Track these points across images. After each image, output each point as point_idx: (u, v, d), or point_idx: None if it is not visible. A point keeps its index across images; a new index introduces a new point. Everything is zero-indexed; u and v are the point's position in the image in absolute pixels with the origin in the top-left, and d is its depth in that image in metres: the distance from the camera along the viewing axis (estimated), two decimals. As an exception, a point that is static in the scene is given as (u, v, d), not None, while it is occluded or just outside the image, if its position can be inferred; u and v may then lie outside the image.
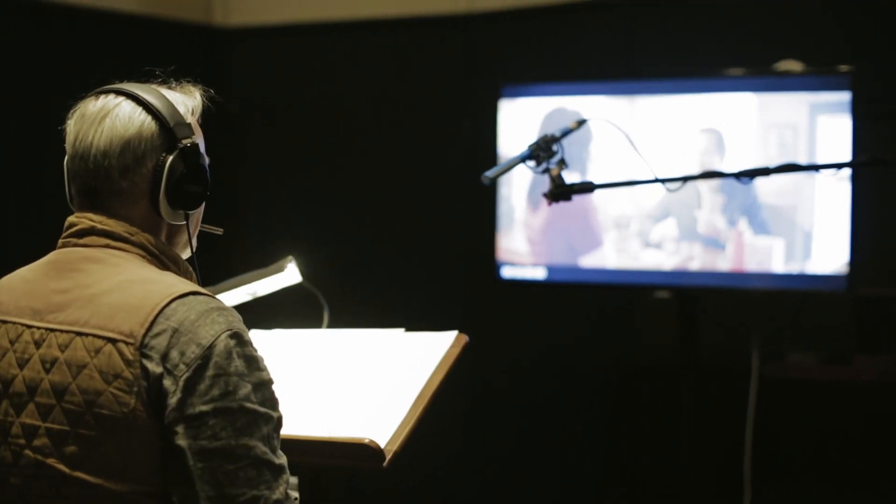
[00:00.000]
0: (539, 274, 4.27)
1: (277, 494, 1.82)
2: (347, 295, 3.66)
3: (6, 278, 2.00)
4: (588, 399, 4.79)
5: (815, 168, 3.18)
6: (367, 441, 2.20)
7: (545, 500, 4.82)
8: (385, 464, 2.20)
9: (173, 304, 1.82)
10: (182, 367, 1.78)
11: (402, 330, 2.56)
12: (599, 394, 4.77)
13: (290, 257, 2.68)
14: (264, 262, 2.72)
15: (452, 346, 2.44)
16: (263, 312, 2.80)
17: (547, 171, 2.78)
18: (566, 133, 2.85)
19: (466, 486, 4.94)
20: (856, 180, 3.77)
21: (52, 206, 2.26)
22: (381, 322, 2.67)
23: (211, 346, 1.80)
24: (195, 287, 1.89)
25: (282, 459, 1.85)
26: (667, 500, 4.42)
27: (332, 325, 2.78)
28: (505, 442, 4.92)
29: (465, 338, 2.46)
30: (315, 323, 2.78)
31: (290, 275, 2.68)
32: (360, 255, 5.13)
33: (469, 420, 4.91)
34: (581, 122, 2.92)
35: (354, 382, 2.43)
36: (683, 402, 4.13)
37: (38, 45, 4.65)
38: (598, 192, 2.89)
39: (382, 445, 2.20)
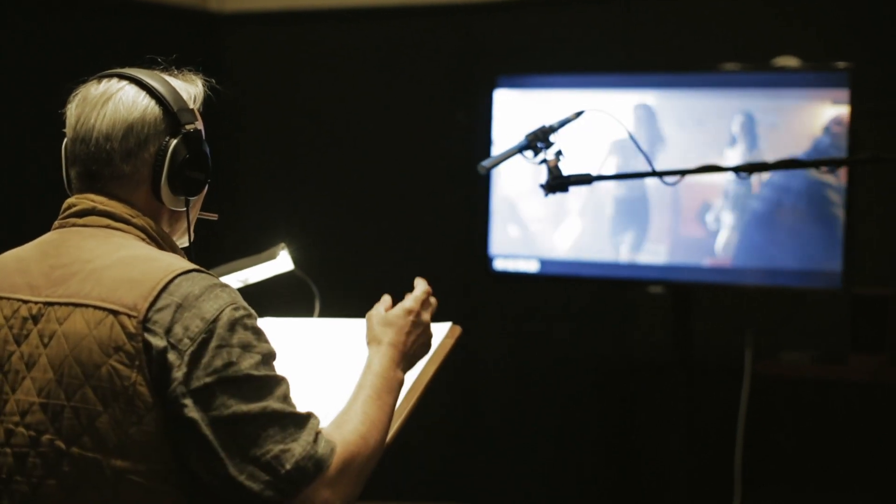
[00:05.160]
0: (532, 266, 4.25)
1: (304, 442, 1.81)
2: (339, 283, 3.63)
3: None
4: (580, 393, 4.76)
5: (814, 164, 3.16)
6: (358, 432, 2.16)
7: (536, 494, 4.80)
8: (376, 455, 2.17)
9: (177, 280, 1.81)
10: (186, 341, 1.77)
11: (395, 320, 2.53)
12: (591, 388, 4.75)
13: (283, 244, 2.66)
14: (256, 249, 2.69)
15: (446, 338, 2.41)
16: (254, 300, 2.75)
17: (544, 161, 2.75)
18: (564, 123, 2.82)
19: (458, 479, 4.92)
20: (853, 177, 3.75)
21: (45, 193, 2.24)
22: (374, 312, 2.63)
23: (215, 320, 1.79)
24: (197, 266, 1.88)
25: (304, 410, 1.85)
26: (657, 496, 4.40)
27: (323, 313, 2.76)
28: (496, 435, 4.90)
29: (458, 329, 2.43)
30: (306, 311, 2.76)
31: (281, 262, 2.66)
32: (353, 243, 5.11)
33: (461, 412, 4.89)
34: (579, 113, 2.90)
35: (346, 372, 2.40)
36: (675, 398, 4.12)
37: (32, 30, 4.61)
38: (594, 184, 2.87)
39: (374, 437, 2.17)
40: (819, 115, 3.82)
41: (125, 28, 4.83)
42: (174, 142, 1.92)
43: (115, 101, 1.91)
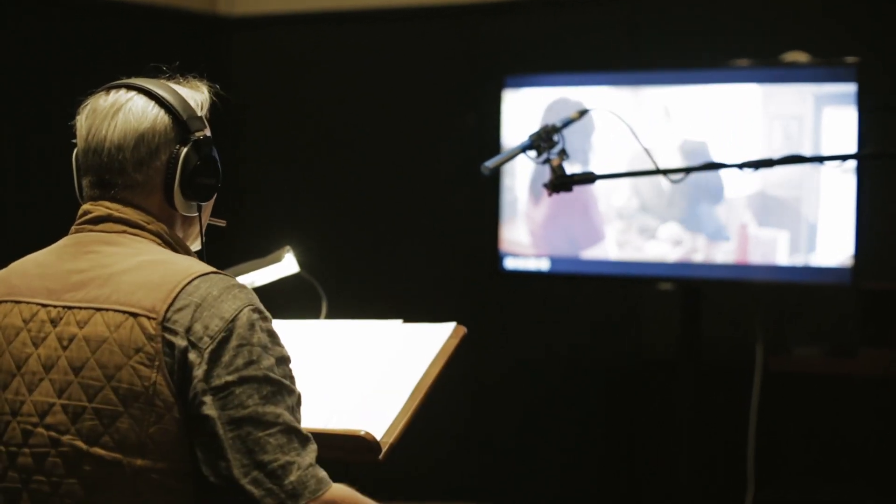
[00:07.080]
0: (542, 265, 4.25)
1: (309, 459, 1.84)
2: (346, 285, 3.64)
3: (16, 263, 2.02)
4: (590, 391, 4.76)
5: (820, 160, 3.15)
6: (362, 433, 2.17)
7: (546, 492, 4.80)
8: (381, 456, 2.17)
9: (195, 282, 1.86)
10: (206, 339, 1.81)
11: (400, 321, 2.54)
12: (601, 386, 4.75)
13: (288, 247, 2.67)
14: (262, 251, 2.70)
15: (451, 338, 2.41)
16: (261, 302, 2.78)
17: (548, 161, 2.75)
18: (567, 123, 2.82)
19: (465, 479, 4.92)
20: (861, 172, 3.75)
21: (52, 199, 2.26)
22: (381, 313, 2.65)
23: (234, 319, 1.83)
24: (214, 268, 1.92)
25: (307, 433, 1.87)
26: (669, 494, 4.39)
27: (329, 315, 2.76)
28: (505, 434, 4.90)
29: (463, 329, 2.44)
30: (313, 313, 2.76)
31: (287, 265, 2.67)
32: (360, 245, 5.11)
33: (469, 412, 4.89)
34: (583, 112, 2.90)
35: (351, 374, 2.41)
36: (686, 395, 4.11)
37: (40, 34, 4.63)
38: (600, 183, 2.87)
39: (378, 438, 2.18)
40: (827, 110, 3.82)
41: (134, 31, 4.85)
42: (185, 149, 1.96)
43: (124, 111, 1.95)
